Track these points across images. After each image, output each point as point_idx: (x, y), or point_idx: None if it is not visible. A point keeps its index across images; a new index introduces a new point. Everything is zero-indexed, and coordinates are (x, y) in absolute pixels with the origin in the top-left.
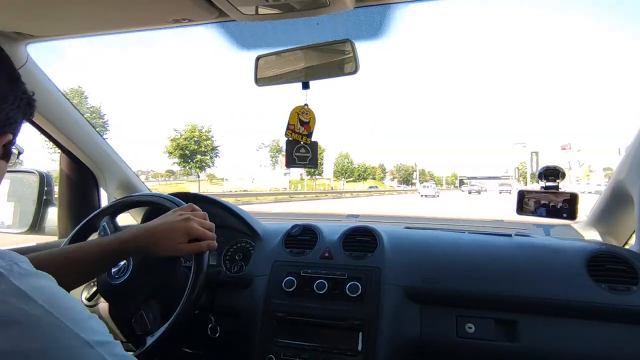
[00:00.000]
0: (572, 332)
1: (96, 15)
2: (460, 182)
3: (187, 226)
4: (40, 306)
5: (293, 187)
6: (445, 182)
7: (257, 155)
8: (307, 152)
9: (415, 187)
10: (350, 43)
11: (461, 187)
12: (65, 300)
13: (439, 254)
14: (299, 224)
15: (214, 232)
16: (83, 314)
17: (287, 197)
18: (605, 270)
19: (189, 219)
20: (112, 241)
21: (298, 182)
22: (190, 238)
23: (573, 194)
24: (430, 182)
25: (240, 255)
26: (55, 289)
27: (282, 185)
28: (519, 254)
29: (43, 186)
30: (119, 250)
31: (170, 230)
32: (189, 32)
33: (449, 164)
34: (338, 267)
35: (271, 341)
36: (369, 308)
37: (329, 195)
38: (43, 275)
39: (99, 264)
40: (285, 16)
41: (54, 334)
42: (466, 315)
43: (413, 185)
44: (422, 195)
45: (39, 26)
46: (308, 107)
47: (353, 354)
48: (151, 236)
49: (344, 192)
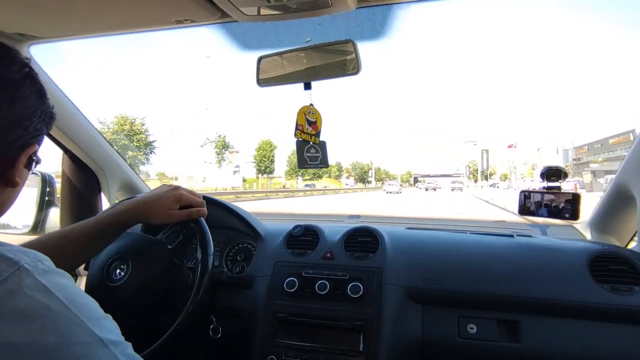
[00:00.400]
0: (574, 333)
1: (98, 16)
2: (415, 180)
3: (177, 194)
4: (61, 302)
5: (248, 186)
6: (401, 180)
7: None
8: (317, 152)
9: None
10: (352, 43)
11: (416, 185)
12: (83, 298)
13: (441, 255)
14: (300, 225)
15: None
16: (99, 313)
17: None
18: (607, 271)
19: (178, 188)
20: (107, 215)
21: (254, 181)
22: (181, 204)
23: (575, 194)
24: (394, 180)
25: (242, 255)
26: (73, 287)
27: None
28: (521, 255)
29: (45, 187)
30: (116, 221)
31: (161, 198)
32: (191, 33)
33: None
34: (340, 267)
35: (272, 342)
36: (371, 309)
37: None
38: (63, 274)
39: (97, 240)
40: (287, 17)
41: (72, 330)
42: (468, 316)
43: (369, 183)
44: (387, 192)
45: (41, 27)
46: (314, 107)
47: (354, 354)
48: (144, 204)
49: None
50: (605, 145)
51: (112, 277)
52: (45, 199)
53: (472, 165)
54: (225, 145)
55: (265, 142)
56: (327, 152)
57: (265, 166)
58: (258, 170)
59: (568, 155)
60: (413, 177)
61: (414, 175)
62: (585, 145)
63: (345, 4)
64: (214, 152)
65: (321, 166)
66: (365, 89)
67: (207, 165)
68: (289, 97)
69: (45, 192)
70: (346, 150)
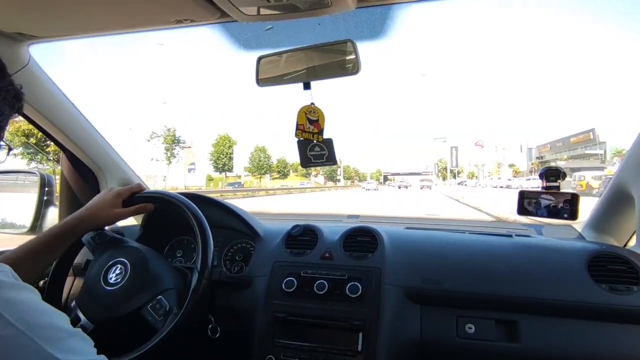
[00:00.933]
0: (572, 333)
1: (98, 15)
2: (385, 179)
3: (113, 192)
4: (10, 325)
5: (213, 185)
6: (370, 179)
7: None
8: (322, 149)
9: (341, 184)
10: (352, 43)
11: (385, 183)
12: (43, 317)
13: (440, 255)
14: (299, 224)
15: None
16: (61, 332)
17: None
18: (605, 271)
19: (112, 188)
20: (56, 226)
21: (219, 179)
22: (123, 198)
23: (574, 194)
24: (372, 180)
25: (241, 255)
26: (34, 304)
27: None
28: (520, 255)
29: (44, 187)
30: (63, 231)
31: (102, 200)
32: (191, 33)
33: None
34: (338, 267)
35: (271, 341)
36: (369, 309)
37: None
38: (24, 288)
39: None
40: (287, 17)
41: (24, 354)
42: (467, 316)
43: (338, 181)
44: (366, 189)
45: (41, 27)
46: (315, 106)
47: (353, 354)
48: (87, 210)
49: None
50: (567, 143)
51: (109, 281)
52: (44, 199)
53: (440, 163)
54: (175, 139)
55: (223, 137)
56: (333, 149)
57: (223, 163)
58: (215, 167)
59: (532, 153)
60: (383, 175)
61: (383, 173)
62: (547, 143)
63: (345, 3)
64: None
65: (327, 163)
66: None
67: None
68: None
69: (44, 191)
70: None
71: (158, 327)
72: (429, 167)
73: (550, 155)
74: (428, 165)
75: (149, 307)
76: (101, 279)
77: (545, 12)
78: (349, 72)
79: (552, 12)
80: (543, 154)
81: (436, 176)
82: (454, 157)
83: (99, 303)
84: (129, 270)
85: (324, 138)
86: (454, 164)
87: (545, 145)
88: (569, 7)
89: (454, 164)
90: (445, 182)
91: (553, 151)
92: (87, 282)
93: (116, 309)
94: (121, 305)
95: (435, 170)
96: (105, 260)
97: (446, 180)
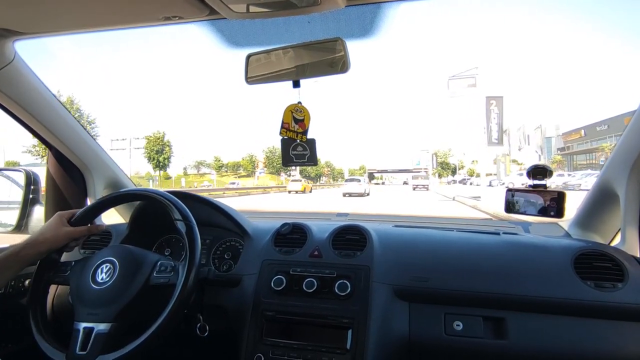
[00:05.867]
0: (559, 329)
1: (86, 11)
2: (371, 177)
3: (56, 215)
4: None
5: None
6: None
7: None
8: (304, 149)
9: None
10: (342, 42)
11: (372, 182)
12: None
13: (428, 252)
14: (288, 223)
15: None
16: None
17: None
18: (591, 268)
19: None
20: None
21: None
22: (67, 218)
23: (561, 192)
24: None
25: (230, 254)
26: None
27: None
28: (507, 252)
29: (29, 185)
30: (10, 256)
31: (47, 224)
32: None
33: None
34: (327, 265)
35: (260, 340)
36: (358, 306)
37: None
38: None
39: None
40: (276, 14)
41: None
42: (454, 313)
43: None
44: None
45: (26, 23)
46: (302, 105)
47: (342, 352)
48: (33, 235)
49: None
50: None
51: (97, 280)
52: (30, 197)
53: (440, 154)
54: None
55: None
56: (315, 150)
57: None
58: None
59: (551, 144)
60: (367, 172)
61: (368, 170)
62: (580, 128)
63: (335, 1)
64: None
65: (309, 164)
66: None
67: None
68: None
69: (30, 189)
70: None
71: (173, 280)
72: (421, 162)
73: (582, 144)
74: (420, 159)
75: (155, 274)
76: (90, 281)
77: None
78: (338, 70)
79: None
80: (570, 144)
81: (433, 172)
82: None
83: (100, 302)
84: (116, 263)
85: (308, 138)
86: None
87: (575, 131)
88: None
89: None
90: (441, 181)
91: (589, 138)
92: (78, 293)
93: (121, 297)
94: (126, 292)
95: (434, 163)
96: (91, 263)
97: (442, 177)
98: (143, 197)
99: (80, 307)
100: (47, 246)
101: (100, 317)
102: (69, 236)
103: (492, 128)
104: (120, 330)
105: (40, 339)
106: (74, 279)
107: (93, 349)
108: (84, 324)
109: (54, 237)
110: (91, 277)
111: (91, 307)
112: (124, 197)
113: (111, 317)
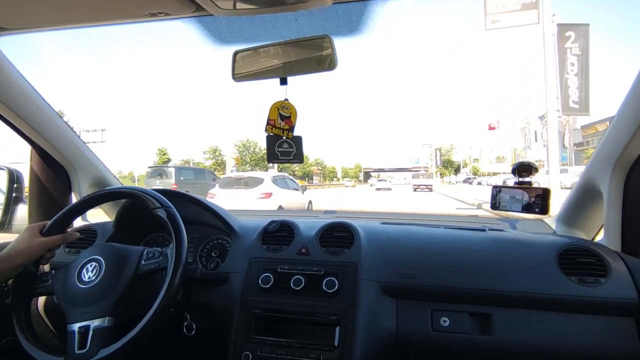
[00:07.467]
0: (543, 324)
1: (69, 7)
2: (367, 176)
3: (28, 227)
4: None
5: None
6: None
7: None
8: (290, 147)
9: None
10: (329, 39)
11: (368, 182)
12: None
13: (415, 249)
14: (276, 220)
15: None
16: None
17: None
18: (575, 264)
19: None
20: None
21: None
22: (38, 229)
23: (545, 189)
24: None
25: (217, 252)
26: None
27: None
28: (493, 249)
29: (12, 183)
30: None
31: (19, 238)
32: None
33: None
34: (315, 263)
35: (248, 338)
36: (346, 303)
37: None
38: None
39: None
40: (263, 11)
41: None
42: (441, 309)
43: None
44: (376, 188)
45: (8, 18)
46: (288, 102)
47: (330, 349)
48: (7, 253)
49: None
50: None
51: (84, 279)
52: (13, 195)
53: (443, 151)
54: None
55: None
56: (302, 147)
57: None
58: None
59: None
60: (363, 171)
61: (363, 169)
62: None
63: None
64: None
65: (294, 161)
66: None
67: None
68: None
69: (13, 188)
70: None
71: (163, 264)
72: (420, 161)
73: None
74: (419, 158)
75: (144, 262)
76: (77, 282)
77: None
78: (325, 67)
79: None
80: (590, 138)
81: (436, 170)
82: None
83: (92, 300)
84: (101, 260)
85: (294, 135)
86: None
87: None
88: None
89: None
90: (442, 180)
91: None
92: (66, 296)
93: (112, 291)
94: (116, 285)
95: (437, 159)
96: (75, 264)
97: (444, 177)
98: (116, 195)
99: (71, 308)
100: (22, 259)
101: (94, 314)
102: (43, 247)
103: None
104: (119, 324)
105: (33, 349)
106: (58, 285)
107: (93, 345)
108: (78, 324)
109: (28, 248)
110: (77, 277)
111: (83, 307)
112: (99, 198)
113: (107, 311)
